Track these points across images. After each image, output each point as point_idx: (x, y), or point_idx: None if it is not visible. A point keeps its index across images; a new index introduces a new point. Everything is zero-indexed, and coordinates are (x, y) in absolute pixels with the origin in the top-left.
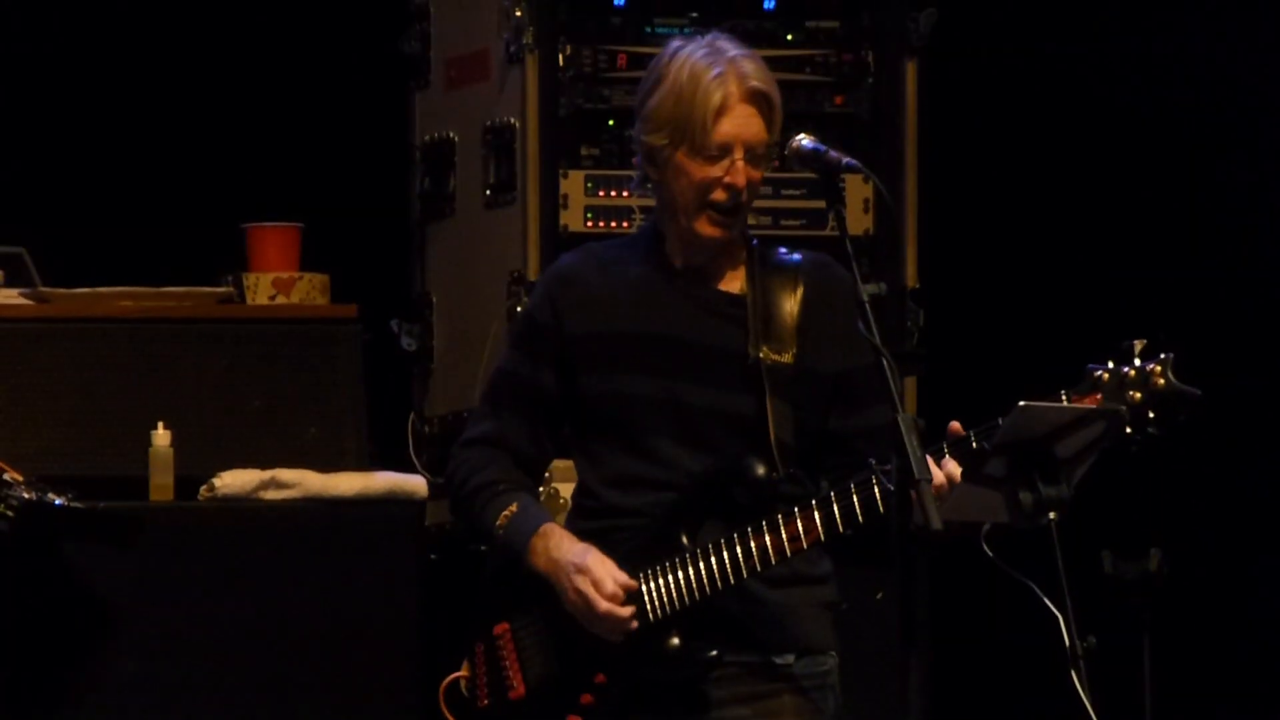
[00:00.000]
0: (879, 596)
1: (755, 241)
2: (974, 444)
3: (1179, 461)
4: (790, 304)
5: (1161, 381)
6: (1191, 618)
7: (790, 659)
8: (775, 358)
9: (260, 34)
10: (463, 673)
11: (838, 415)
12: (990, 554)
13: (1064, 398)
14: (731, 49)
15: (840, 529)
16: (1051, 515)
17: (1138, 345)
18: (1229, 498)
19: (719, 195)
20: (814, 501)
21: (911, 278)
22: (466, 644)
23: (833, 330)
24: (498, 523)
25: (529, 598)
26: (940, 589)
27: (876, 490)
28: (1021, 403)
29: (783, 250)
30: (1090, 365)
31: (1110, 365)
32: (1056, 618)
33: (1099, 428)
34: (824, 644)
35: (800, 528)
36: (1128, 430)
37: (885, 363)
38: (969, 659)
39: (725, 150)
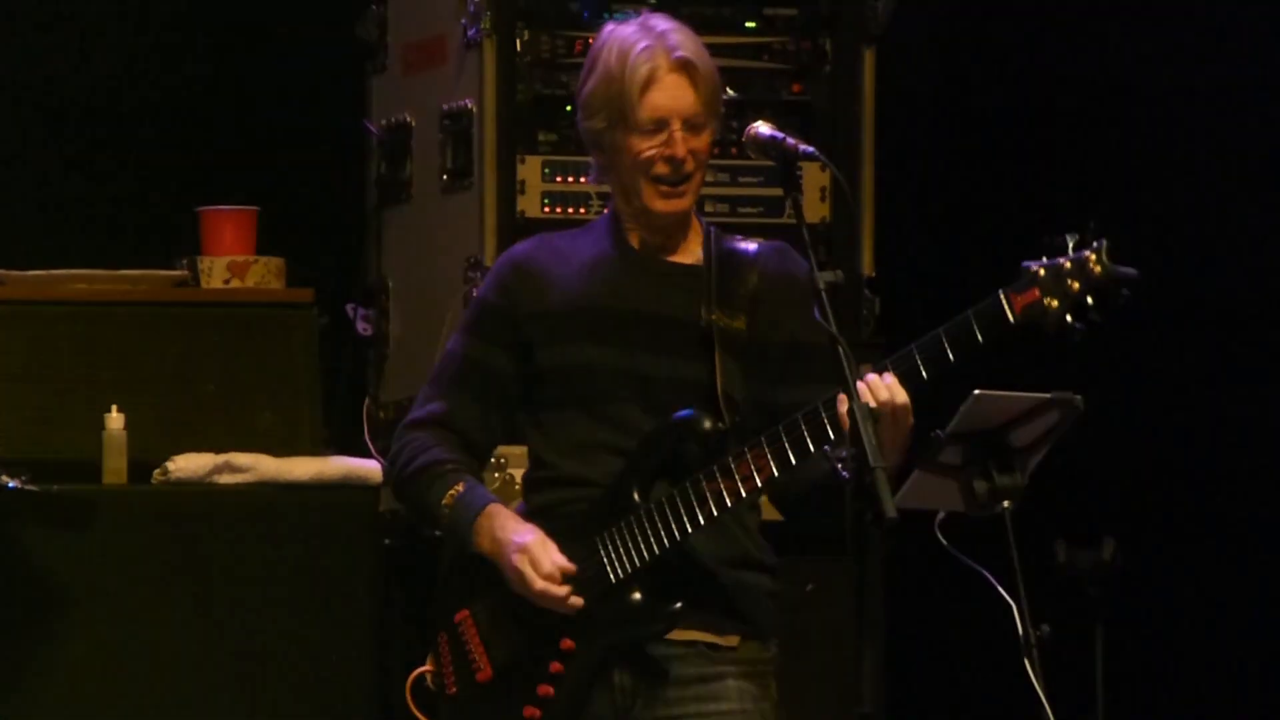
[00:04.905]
0: (809, 589)
1: (711, 227)
2: (919, 362)
3: (1133, 451)
4: (745, 278)
5: (1098, 268)
6: (1145, 608)
7: (735, 641)
8: (727, 322)
9: (218, 17)
10: (428, 667)
11: (788, 386)
12: (945, 542)
13: (1002, 297)
14: (661, 24)
15: (793, 460)
16: (1005, 504)
17: (1071, 238)
18: (1182, 488)
19: (661, 169)
20: (763, 438)
21: (868, 266)
22: (429, 637)
23: (788, 306)
24: (443, 502)
25: (485, 580)
26: (895, 577)
27: (825, 418)
28: (976, 391)
29: (739, 238)
30: (1025, 262)
31: (1045, 260)
32: (1010, 606)
33: (1054, 416)
34: (768, 630)
35: (752, 466)
36: (1068, 319)
37: (842, 350)
38: (923, 647)
39: (660, 123)
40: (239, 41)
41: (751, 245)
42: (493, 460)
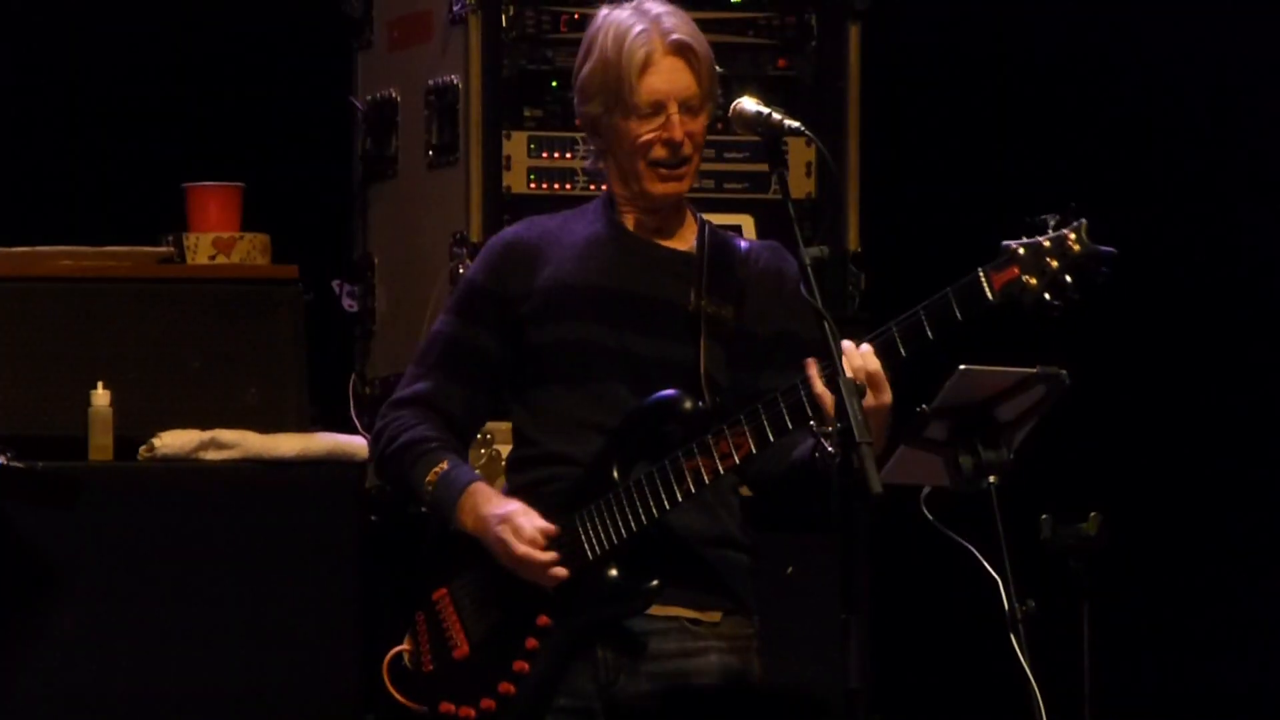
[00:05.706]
0: (789, 571)
1: (706, 221)
2: (896, 339)
3: (1119, 427)
4: (736, 270)
5: (1077, 247)
6: (1130, 583)
7: (717, 616)
8: (716, 310)
9: None
10: (404, 646)
11: (773, 371)
12: (930, 517)
13: (982, 275)
14: (656, 7)
15: (770, 437)
16: (991, 479)
17: (1051, 218)
18: (1168, 463)
19: (660, 152)
20: (741, 416)
21: (853, 241)
22: (406, 616)
23: (776, 299)
24: (427, 479)
25: (464, 559)
26: (880, 552)
27: (804, 395)
28: (962, 366)
29: (733, 234)
30: (1005, 242)
31: (1025, 238)
32: (996, 581)
33: (1039, 391)
34: (750, 606)
35: (731, 444)
36: (1046, 296)
37: (827, 326)
38: (909, 622)
39: (658, 107)
40: (225, 17)
41: (744, 241)
42: (479, 436)
